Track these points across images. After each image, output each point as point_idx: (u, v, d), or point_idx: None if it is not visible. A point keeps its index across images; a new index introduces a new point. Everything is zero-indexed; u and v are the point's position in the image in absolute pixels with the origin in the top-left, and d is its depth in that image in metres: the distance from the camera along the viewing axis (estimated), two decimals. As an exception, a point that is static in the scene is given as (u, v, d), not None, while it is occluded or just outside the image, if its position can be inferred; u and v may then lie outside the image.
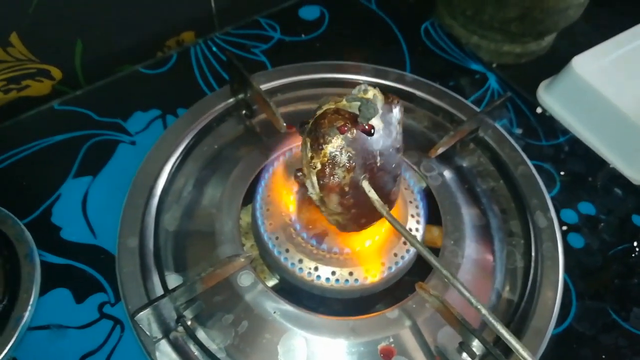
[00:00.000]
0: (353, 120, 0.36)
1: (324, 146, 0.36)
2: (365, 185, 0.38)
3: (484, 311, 0.34)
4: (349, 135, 0.36)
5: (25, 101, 0.58)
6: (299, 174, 0.40)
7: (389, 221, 0.38)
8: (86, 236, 0.47)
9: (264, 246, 0.45)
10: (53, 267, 0.45)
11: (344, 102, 0.37)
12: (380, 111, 0.37)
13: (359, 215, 0.40)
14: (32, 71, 0.57)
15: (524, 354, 0.32)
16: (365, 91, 0.37)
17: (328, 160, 0.36)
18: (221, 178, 0.51)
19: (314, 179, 0.37)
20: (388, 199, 0.41)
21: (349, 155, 0.36)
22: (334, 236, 0.45)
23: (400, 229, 0.38)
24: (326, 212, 0.40)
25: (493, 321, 0.33)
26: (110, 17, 0.58)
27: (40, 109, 0.55)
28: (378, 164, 0.38)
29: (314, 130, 0.37)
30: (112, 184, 0.50)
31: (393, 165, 0.40)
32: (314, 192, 0.39)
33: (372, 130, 0.37)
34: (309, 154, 0.37)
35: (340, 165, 0.36)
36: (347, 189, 0.37)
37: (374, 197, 0.38)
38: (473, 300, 0.34)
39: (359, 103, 0.36)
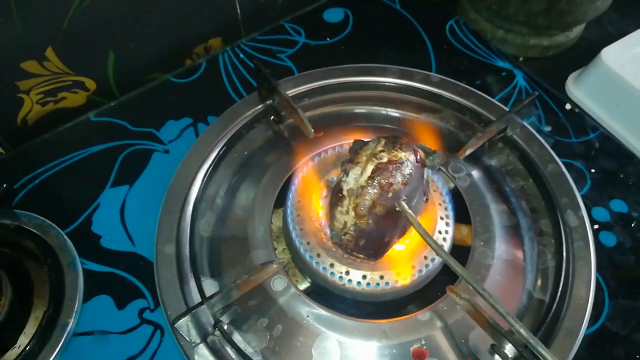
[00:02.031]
0: (422, 158, 0.41)
1: (399, 150, 0.40)
2: (404, 204, 0.40)
3: (510, 319, 0.35)
4: (417, 162, 0.40)
5: (62, 113, 0.60)
6: (349, 161, 0.41)
7: (423, 237, 0.40)
8: (125, 244, 0.49)
9: (296, 251, 0.46)
10: (95, 274, 0.47)
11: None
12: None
13: (373, 230, 0.41)
14: (67, 83, 0.59)
15: None
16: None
17: (396, 161, 0.39)
18: (252, 184, 0.52)
19: (369, 168, 0.39)
20: (402, 233, 0.45)
21: (409, 173, 0.39)
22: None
23: (432, 244, 0.39)
24: (341, 211, 0.41)
25: (520, 329, 0.35)
26: (139, 28, 0.60)
27: (77, 121, 0.57)
28: (413, 202, 0.41)
29: (393, 138, 0.41)
30: (148, 193, 0.51)
31: (418, 211, 0.44)
32: (353, 181, 0.40)
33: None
34: (379, 148, 0.40)
35: (402, 173, 0.39)
36: (390, 194, 0.39)
37: (412, 214, 0.40)
38: (500, 309, 0.35)
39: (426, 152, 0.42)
